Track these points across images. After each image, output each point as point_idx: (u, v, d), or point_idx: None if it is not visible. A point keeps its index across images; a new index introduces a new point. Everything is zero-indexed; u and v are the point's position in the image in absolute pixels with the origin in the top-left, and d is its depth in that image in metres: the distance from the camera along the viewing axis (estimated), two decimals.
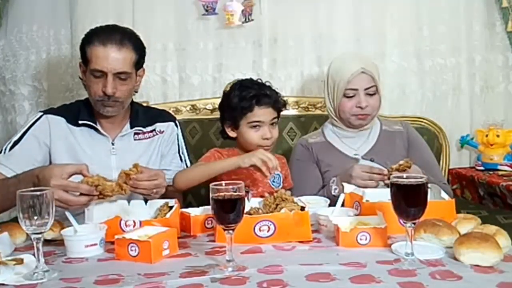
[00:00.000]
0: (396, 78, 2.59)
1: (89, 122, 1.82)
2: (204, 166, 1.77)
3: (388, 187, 1.67)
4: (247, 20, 2.45)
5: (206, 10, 2.44)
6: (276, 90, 1.88)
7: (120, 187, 1.48)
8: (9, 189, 1.54)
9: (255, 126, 1.81)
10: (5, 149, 1.76)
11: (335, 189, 1.82)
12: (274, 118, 1.84)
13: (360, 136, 2.01)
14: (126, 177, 1.51)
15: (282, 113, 1.93)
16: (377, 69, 1.99)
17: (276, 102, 1.83)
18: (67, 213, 1.39)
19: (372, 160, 1.90)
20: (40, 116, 1.82)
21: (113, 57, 1.71)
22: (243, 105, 1.80)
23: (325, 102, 2.05)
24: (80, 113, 1.83)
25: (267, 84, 1.90)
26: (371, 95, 1.93)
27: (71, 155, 1.79)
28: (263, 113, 1.80)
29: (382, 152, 1.94)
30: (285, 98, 1.97)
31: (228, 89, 1.96)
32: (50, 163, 1.79)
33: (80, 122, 1.82)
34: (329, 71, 2.02)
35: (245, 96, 1.80)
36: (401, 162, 1.67)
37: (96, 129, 1.83)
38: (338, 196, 1.74)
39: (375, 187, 1.72)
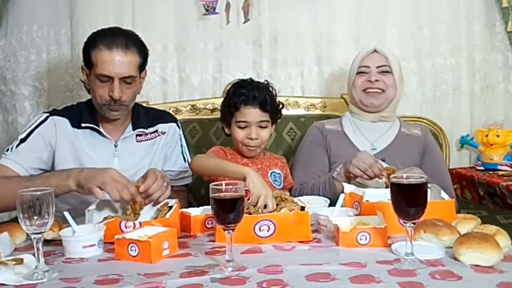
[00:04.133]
0: None
1: (92, 125, 1.82)
2: (219, 163, 1.70)
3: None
4: (245, 20, 2.45)
5: (207, 10, 2.43)
6: (271, 92, 1.88)
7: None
8: (36, 181, 1.54)
9: (242, 127, 1.83)
10: (12, 148, 1.77)
11: (336, 171, 1.80)
12: (263, 121, 1.84)
13: (376, 130, 2.00)
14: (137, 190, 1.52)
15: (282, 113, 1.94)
16: (396, 58, 2.05)
17: (264, 103, 1.82)
18: (66, 214, 1.39)
19: (383, 160, 1.89)
20: (47, 117, 1.82)
21: (119, 62, 1.71)
22: (231, 104, 1.84)
23: (347, 92, 2.12)
24: (82, 115, 1.83)
25: (267, 85, 1.90)
26: (384, 73, 1.96)
27: (74, 157, 1.80)
28: (249, 113, 1.82)
29: (395, 154, 1.93)
30: (284, 99, 1.98)
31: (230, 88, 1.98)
32: (53, 164, 1.80)
33: (83, 125, 1.81)
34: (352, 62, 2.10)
35: (234, 95, 1.85)
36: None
37: (98, 132, 1.83)
38: (335, 180, 1.79)
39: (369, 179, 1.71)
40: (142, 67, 1.81)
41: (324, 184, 1.84)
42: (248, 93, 1.82)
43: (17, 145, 1.77)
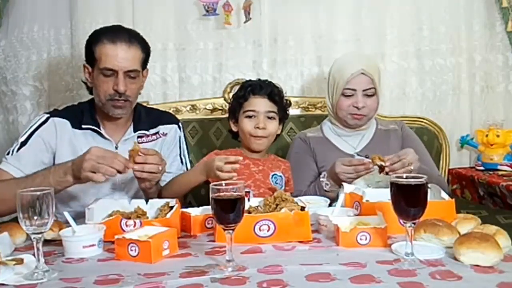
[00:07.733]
0: (396, 78, 2.59)
1: (92, 127, 1.81)
2: (176, 184, 1.78)
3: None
4: (246, 19, 2.45)
5: (207, 11, 2.43)
6: (278, 88, 1.91)
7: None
8: (34, 181, 1.57)
9: (250, 116, 1.84)
10: (13, 151, 1.76)
11: (326, 184, 1.84)
12: (271, 111, 1.85)
13: (357, 135, 2.04)
14: (134, 153, 1.60)
15: None
16: (378, 71, 2.01)
17: (272, 94, 1.85)
18: (66, 213, 1.39)
19: (367, 157, 1.92)
20: (47, 119, 1.81)
21: (123, 55, 1.72)
22: (240, 95, 1.87)
23: (326, 99, 2.09)
24: (83, 116, 1.82)
25: (274, 83, 1.92)
26: (369, 96, 1.96)
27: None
28: (257, 102, 1.84)
29: (376, 150, 1.94)
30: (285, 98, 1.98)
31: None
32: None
33: (83, 126, 1.81)
34: (331, 69, 2.05)
35: (242, 88, 1.89)
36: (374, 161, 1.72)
37: (99, 133, 1.82)
38: (329, 191, 1.81)
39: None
40: (144, 63, 1.82)
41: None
42: (256, 84, 1.88)
43: (18, 149, 1.75)
